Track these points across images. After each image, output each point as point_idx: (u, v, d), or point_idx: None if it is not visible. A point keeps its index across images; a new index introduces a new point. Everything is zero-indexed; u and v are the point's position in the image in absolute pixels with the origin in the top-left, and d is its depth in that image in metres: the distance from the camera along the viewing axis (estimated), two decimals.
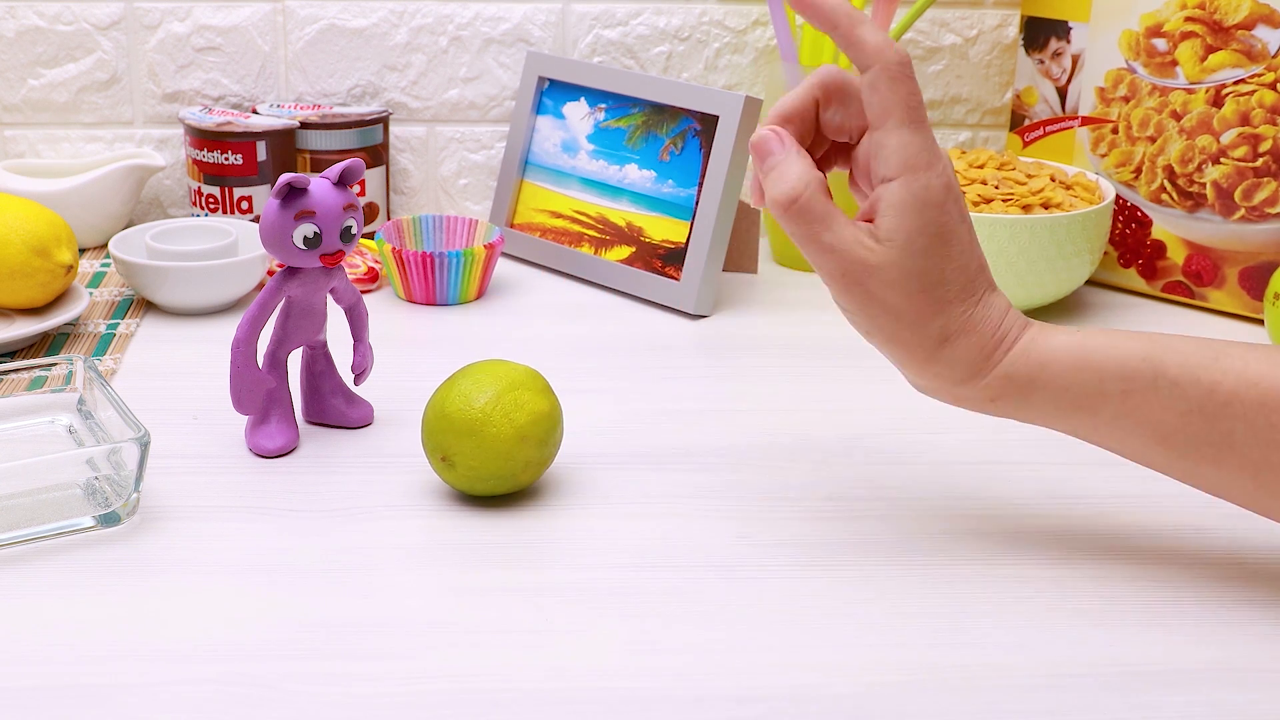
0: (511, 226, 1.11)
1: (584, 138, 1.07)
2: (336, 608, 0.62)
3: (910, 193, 0.60)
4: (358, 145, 1.11)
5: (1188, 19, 0.98)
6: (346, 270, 0.98)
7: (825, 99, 0.63)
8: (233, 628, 0.60)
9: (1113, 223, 1.04)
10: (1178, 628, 0.61)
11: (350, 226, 0.73)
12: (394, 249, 0.98)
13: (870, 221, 0.62)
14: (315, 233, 0.72)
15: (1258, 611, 0.63)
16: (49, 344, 0.91)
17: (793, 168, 0.61)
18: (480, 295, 1.02)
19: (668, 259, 1.01)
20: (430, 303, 1.00)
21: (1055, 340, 0.63)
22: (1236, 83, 0.96)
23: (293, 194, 0.71)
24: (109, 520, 0.68)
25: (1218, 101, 0.97)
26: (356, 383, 0.79)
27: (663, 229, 1.02)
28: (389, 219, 1.15)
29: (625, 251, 1.03)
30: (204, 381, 0.85)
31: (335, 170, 0.73)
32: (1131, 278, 1.05)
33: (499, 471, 0.69)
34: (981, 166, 1.00)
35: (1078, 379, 0.62)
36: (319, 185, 0.72)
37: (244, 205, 1.09)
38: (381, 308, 0.99)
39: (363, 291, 1.01)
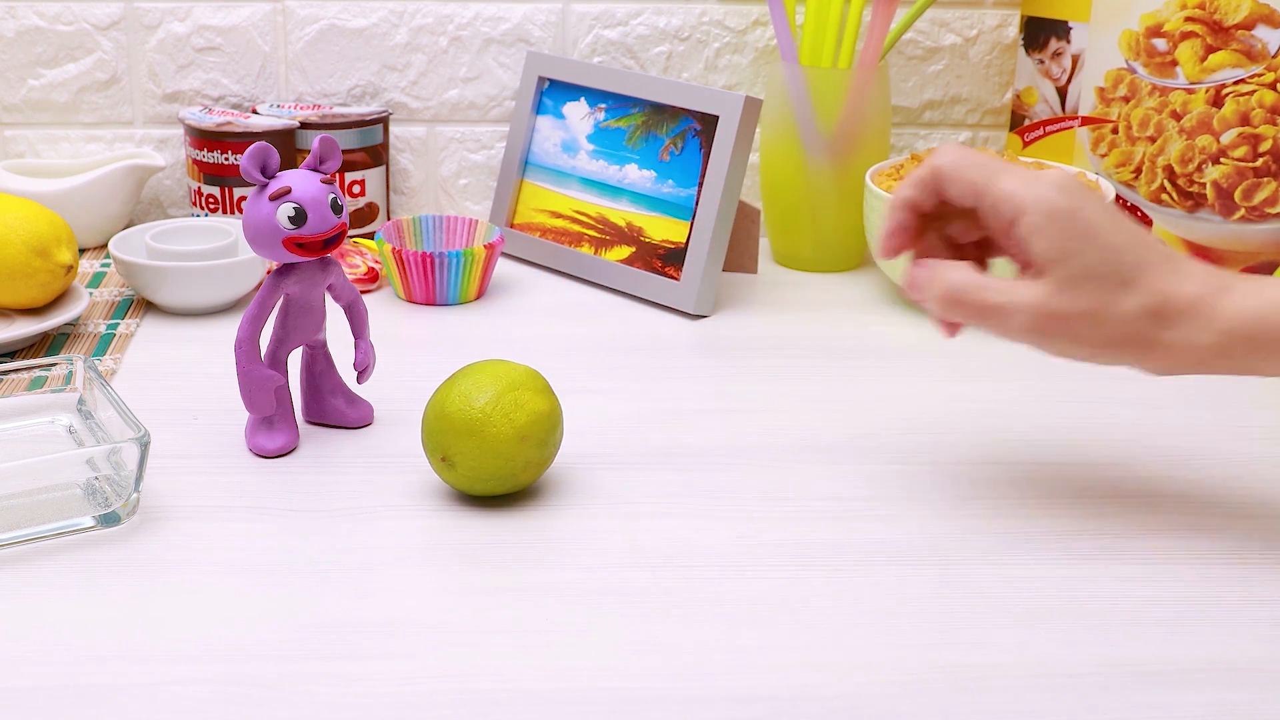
0: (511, 226, 1.11)
1: (584, 138, 1.07)
2: (336, 608, 0.62)
3: (1036, 218, 0.65)
4: (358, 145, 1.11)
5: (1188, 19, 0.98)
6: (346, 270, 0.98)
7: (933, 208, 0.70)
8: (233, 628, 0.60)
9: None
10: (1178, 628, 0.61)
11: (335, 198, 0.73)
12: (394, 249, 0.98)
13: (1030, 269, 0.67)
14: (297, 208, 0.72)
15: (1258, 611, 0.63)
16: (49, 344, 0.91)
17: (942, 271, 0.68)
18: (480, 295, 1.02)
19: (668, 259, 1.01)
20: (430, 303, 1.00)
21: (1268, 292, 0.64)
22: (1236, 83, 0.96)
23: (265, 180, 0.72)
24: (109, 520, 0.68)
25: (1218, 101, 0.97)
26: (359, 381, 0.79)
27: (663, 229, 1.02)
28: (389, 219, 1.15)
29: (625, 251, 1.03)
30: (204, 381, 0.85)
31: (312, 156, 0.73)
32: None
33: (499, 471, 0.69)
34: None
35: None
36: (292, 172, 0.73)
37: (244, 205, 1.09)
38: (381, 308, 0.99)
39: (363, 292, 1.01)
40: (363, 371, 0.79)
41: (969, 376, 0.88)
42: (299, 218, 0.71)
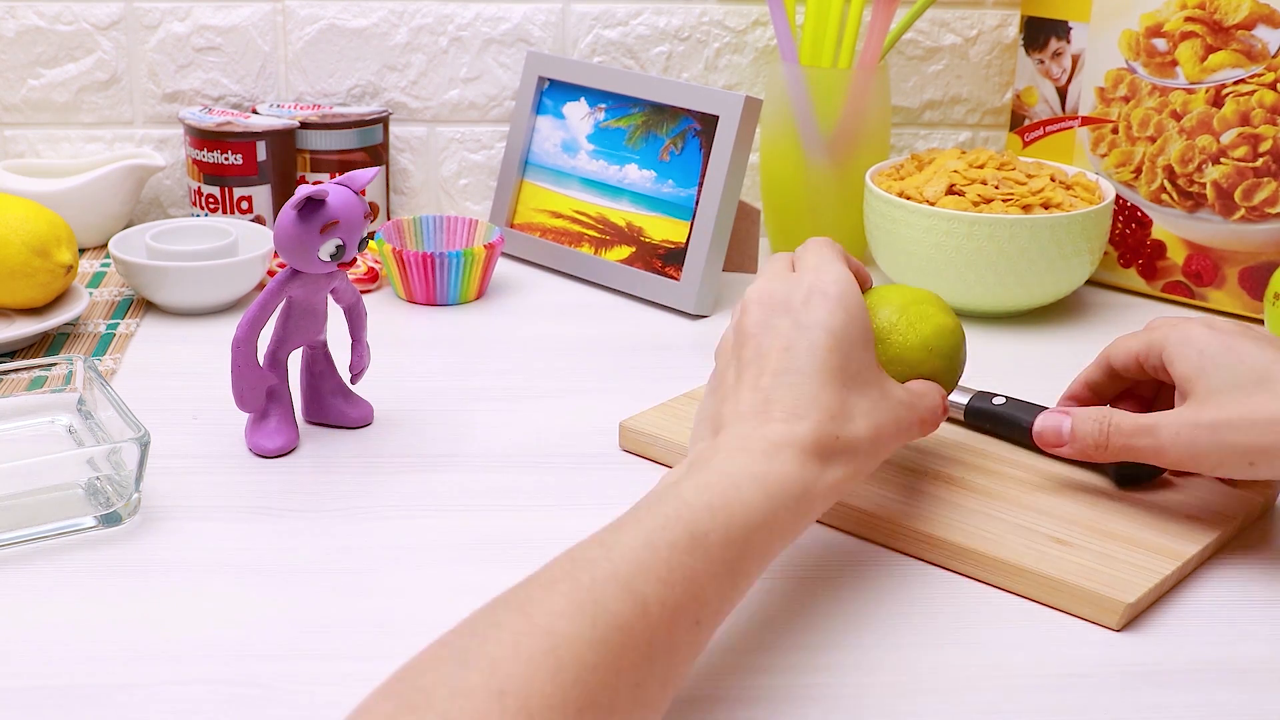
0: (511, 226, 1.11)
1: (584, 138, 1.07)
2: (336, 608, 0.62)
3: (1174, 347, 0.67)
4: (358, 145, 1.11)
5: (1188, 19, 0.98)
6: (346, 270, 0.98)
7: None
8: (233, 628, 0.60)
9: (1113, 223, 1.04)
10: (1178, 627, 0.61)
11: (368, 236, 0.73)
12: (394, 249, 0.98)
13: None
14: (340, 245, 0.72)
15: (1258, 611, 0.63)
16: (49, 344, 0.91)
17: (1088, 414, 0.68)
18: (480, 295, 1.02)
19: (668, 259, 1.01)
20: (430, 303, 1.00)
21: None
22: (1236, 83, 0.96)
23: (311, 205, 0.71)
24: (110, 520, 0.68)
25: (1218, 101, 0.97)
26: (352, 381, 0.79)
27: (663, 229, 1.02)
28: (389, 219, 1.15)
29: (625, 251, 1.03)
30: (204, 381, 0.85)
31: (363, 178, 0.72)
32: (1131, 278, 1.05)
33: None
34: (981, 166, 1.00)
35: None
36: (341, 194, 0.72)
37: (244, 205, 1.09)
38: (381, 308, 0.99)
39: (363, 291, 1.01)
40: (358, 373, 0.79)
41: (967, 376, 0.88)
42: (340, 253, 0.72)
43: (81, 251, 1.10)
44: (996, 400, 0.77)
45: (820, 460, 0.58)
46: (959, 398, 0.78)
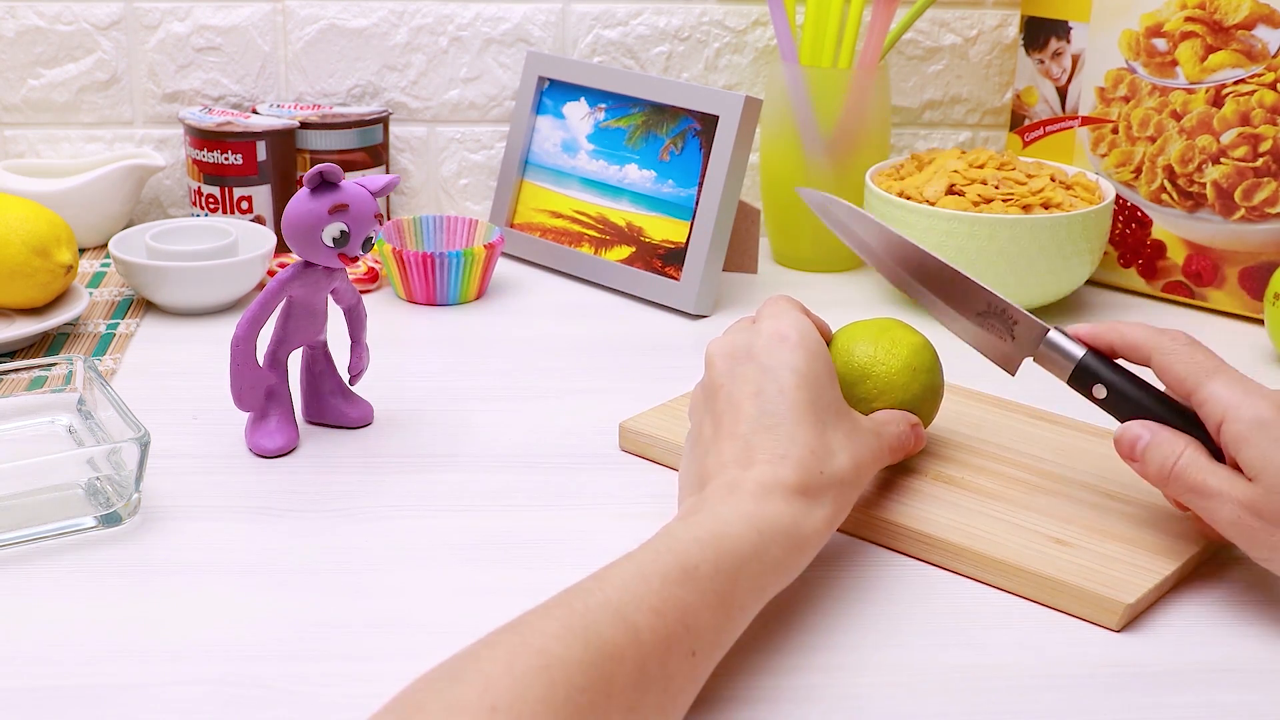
0: (511, 226, 1.11)
1: (584, 138, 1.07)
2: (336, 608, 0.62)
3: (1241, 426, 0.61)
4: (358, 145, 1.11)
5: (1188, 19, 0.98)
6: (347, 270, 0.98)
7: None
8: (233, 628, 0.60)
9: (1113, 223, 1.04)
10: (1178, 627, 0.61)
11: (372, 237, 0.74)
12: (394, 249, 0.98)
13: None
14: (344, 231, 0.72)
15: (1258, 611, 0.63)
16: (49, 344, 0.91)
17: (1164, 443, 0.63)
18: (480, 295, 1.02)
19: (668, 259, 1.01)
20: (430, 303, 1.00)
21: None
22: (1236, 83, 0.96)
23: (325, 186, 0.71)
24: (110, 520, 0.68)
25: (1218, 101, 0.97)
26: (351, 382, 0.79)
27: (663, 229, 1.02)
28: (389, 219, 1.15)
29: (625, 251, 1.03)
30: (204, 381, 0.85)
31: (378, 182, 0.73)
32: (1131, 278, 1.05)
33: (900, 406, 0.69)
34: (981, 166, 1.00)
35: None
36: (355, 187, 0.73)
37: (244, 205, 1.09)
38: (381, 308, 0.99)
39: (363, 291, 1.01)
40: (356, 375, 0.79)
41: (967, 377, 0.88)
42: (343, 240, 0.72)
43: (81, 251, 1.10)
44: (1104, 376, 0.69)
45: (807, 498, 0.59)
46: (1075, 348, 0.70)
